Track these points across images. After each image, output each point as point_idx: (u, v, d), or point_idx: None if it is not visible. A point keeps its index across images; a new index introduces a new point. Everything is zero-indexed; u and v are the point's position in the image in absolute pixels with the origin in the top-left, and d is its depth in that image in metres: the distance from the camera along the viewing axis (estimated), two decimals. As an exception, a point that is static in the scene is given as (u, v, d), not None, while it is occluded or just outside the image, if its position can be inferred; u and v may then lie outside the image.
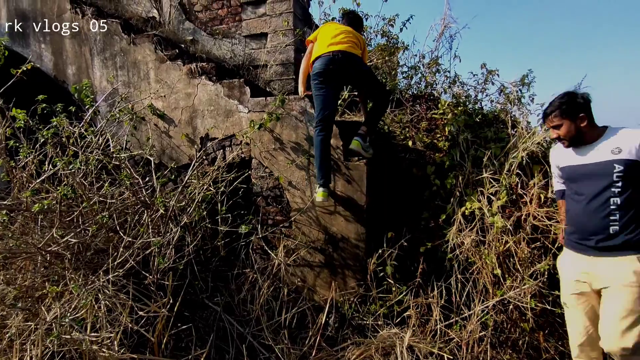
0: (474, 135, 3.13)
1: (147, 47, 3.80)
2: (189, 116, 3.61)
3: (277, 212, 3.32)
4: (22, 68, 2.78)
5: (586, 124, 2.05)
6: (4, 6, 4.55)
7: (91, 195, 2.52)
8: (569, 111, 2.07)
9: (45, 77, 4.36)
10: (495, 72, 3.44)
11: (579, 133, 2.08)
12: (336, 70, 2.85)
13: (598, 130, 2.07)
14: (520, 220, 2.76)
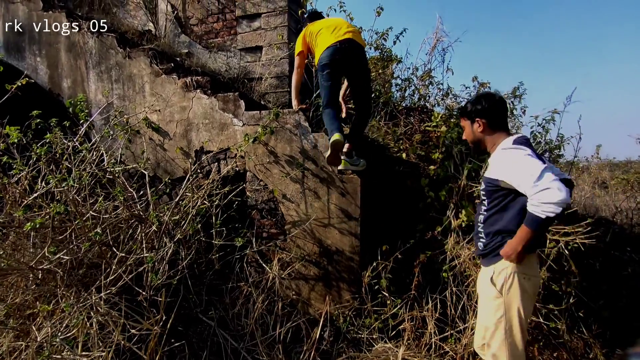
0: (468, 147, 3.15)
1: (143, 61, 3.82)
2: (184, 129, 3.62)
3: (272, 225, 3.32)
4: (17, 83, 2.79)
5: (482, 130, 1.95)
6: (0, 20, 4.57)
7: (84, 211, 2.50)
8: (469, 113, 2.00)
9: (40, 90, 4.36)
10: (487, 84, 3.48)
11: (478, 139, 2.01)
12: (342, 59, 2.89)
13: (499, 140, 1.93)
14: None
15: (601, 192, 5.75)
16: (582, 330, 2.81)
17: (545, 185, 1.61)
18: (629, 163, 7.72)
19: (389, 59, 4.21)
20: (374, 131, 3.55)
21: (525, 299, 1.81)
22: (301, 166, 3.14)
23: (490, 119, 1.94)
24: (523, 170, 1.70)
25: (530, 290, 1.84)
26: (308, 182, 3.14)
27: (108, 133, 3.37)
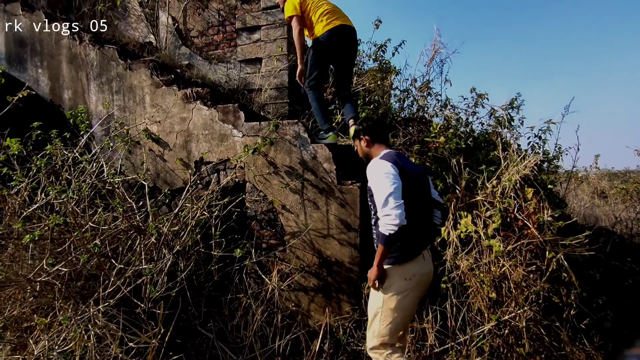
0: (466, 158, 3.17)
1: (143, 73, 3.86)
2: (184, 140, 3.64)
3: (271, 235, 3.31)
4: (18, 95, 2.81)
5: (367, 144, 2.32)
6: (2, 31, 4.62)
7: (83, 222, 2.50)
8: (357, 134, 2.38)
9: (41, 101, 4.39)
10: (485, 95, 3.51)
11: (366, 153, 2.35)
12: (342, 43, 3.17)
13: (378, 151, 2.26)
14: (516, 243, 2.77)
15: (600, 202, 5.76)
16: (584, 342, 2.79)
17: (386, 212, 1.96)
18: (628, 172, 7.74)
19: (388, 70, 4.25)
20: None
21: (402, 297, 2.11)
22: (300, 177, 3.15)
23: (371, 135, 2.31)
24: (377, 192, 2.05)
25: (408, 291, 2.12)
26: (307, 192, 3.14)
27: (108, 145, 3.38)
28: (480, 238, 2.86)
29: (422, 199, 2.22)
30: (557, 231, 2.72)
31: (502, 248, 2.74)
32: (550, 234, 2.68)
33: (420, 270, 2.14)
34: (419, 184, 2.19)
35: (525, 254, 2.75)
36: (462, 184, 3.01)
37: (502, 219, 2.82)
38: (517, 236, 2.80)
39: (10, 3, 4.56)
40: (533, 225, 2.75)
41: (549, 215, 2.70)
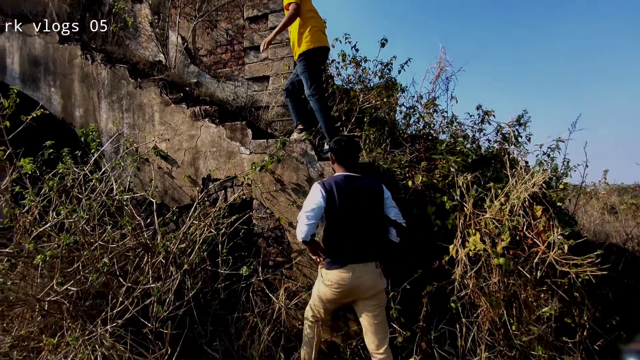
0: (474, 175, 3.15)
1: (153, 91, 3.93)
2: (192, 157, 3.68)
3: (278, 253, 3.30)
4: (32, 115, 2.87)
5: (332, 162, 2.65)
6: (17, 52, 4.75)
7: (92, 240, 2.52)
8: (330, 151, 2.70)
9: (53, 119, 4.48)
10: (491, 112, 3.51)
11: (333, 169, 2.68)
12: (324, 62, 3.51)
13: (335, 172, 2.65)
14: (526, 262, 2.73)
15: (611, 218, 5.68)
16: (597, 364, 2.72)
17: (298, 226, 2.34)
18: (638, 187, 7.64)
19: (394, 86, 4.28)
20: (379, 158, 3.57)
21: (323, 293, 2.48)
22: (307, 194, 3.15)
23: (335, 156, 2.61)
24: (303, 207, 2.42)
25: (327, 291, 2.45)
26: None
27: (119, 164, 3.43)
28: (489, 256, 2.82)
29: (360, 217, 2.44)
30: (567, 250, 2.68)
31: (512, 267, 2.70)
32: (560, 252, 2.64)
33: (342, 282, 2.39)
34: (357, 205, 2.44)
35: (536, 273, 2.70)
36: (469, 202, 2.98)
37: (511, 237, 2.79)
38: (527, 255, 2.77)
39: (25, 24, 4.71)
40: (543, 244, 2.71)
41: (559, 233, 2.67)
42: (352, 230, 2.43)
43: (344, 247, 2.43)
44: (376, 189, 2.57)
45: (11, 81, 4.76)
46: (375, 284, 2.45)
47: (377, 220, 2.53)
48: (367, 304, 2.48)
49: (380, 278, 2.52)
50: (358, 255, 2.43)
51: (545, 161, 3.24)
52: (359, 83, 3.93)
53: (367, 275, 2.42)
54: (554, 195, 3.04)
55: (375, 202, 2.53)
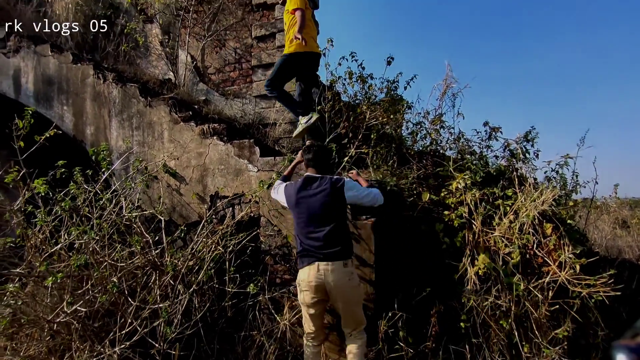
0: (482, 192, 3.14)
1: (163, 109, 3.99)
2: (200, 175, 3.71)
3: (285, 270, 3.29)
4: (45, 135, 2.93)
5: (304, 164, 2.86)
6: (32, 71, 4.88)
7: (102, 259, 2.54)
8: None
9: (65, 136, 4.56)
10: (499, 129, 3.50)
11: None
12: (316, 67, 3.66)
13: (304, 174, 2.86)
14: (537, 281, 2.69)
15: (623, 233, 5.58)
16: (613, 387, 2.64)
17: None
18: (649, 200, 7.52)
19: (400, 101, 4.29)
20: (386, 175, 3.56)
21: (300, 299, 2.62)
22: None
23: (305, 159, 2.80)
24: None
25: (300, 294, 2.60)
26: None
27: (130, 185, 3.48)
28: (500, 275, 2.79)
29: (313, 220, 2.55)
30: (579, 269, 2.64)
31: (523, 286, 2.66)
32: (572, 272, 2.60)
33: (307, 279, 2.50)
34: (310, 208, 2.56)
35: (547, 293, 2.66)
36: (478, 219, 2.96)
37: (521, 256, 2.76)
38: (538, 274, 2.73)
39: (40, 44, 4.84)
40: (554, 263, 2.68)
41: (570, 252, 2.63)
42: (305, 231, 2.56)
43: (302, 247, 2.57)
44: (334, 186, 2.60)
45: (25, 100, 4.88)
46: (340, 284, 2.47)
47: (337, 218, 2.58)
48: (336, 301, 2.55)
49: (349, 278, 2.50)
50: (312, 254, 2.50)
51: (554, 178, 3.21)
52: (365, 100, 3.96)
53: (331, 275, 2.46)
54: (564, 212, 3.00)
55: (333, 198, 2.57)
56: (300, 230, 2.61)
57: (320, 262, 2.47)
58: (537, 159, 3.38)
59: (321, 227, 2.52)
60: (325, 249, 2.49)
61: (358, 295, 2.61)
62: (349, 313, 2.57)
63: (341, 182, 2.63)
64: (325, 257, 2.47)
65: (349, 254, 2.57)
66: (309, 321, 2.63)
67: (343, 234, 2.59)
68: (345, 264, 2.51)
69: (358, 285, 2.61)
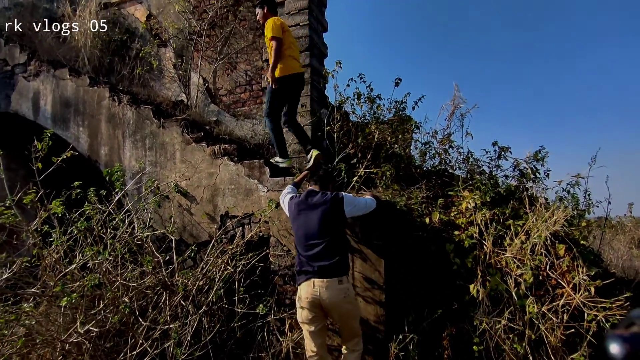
0: (492, 212, 3.11)
1: (175, 130, 4.09)
2: (211, 194, 3.76)
3: (295, 291, 3.27)
4: (62, 156, 3.02)
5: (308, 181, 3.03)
6: (50, 94, 5.05)
7: (114, 279, 2.57)
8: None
9: (80, 156, 4.67)
10: (508, 149, 3.50)
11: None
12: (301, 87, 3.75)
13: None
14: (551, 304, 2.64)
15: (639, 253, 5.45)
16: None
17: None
18: (666, 219, 7.34)
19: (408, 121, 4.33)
20: (395, 194, 3.57)
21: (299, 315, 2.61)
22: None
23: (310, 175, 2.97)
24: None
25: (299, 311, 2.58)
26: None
27: (143, 206, 3.54)
28: (512, 297, 2.74)
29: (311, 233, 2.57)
30: (595, 291, 2.58)
31: (537, 309, 2.61)
32: (587, 294, 2.54)
33: (304, 296, 2.50)
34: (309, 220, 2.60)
35: (562, 316, 2.60)
36: (489, 240, 2.94)
37: (534, 278, 2.71)
38: (552, 296, 2.67)
39: (59, 68, 5.03)
40: (568, 285, 2.63)
41: (585, 274, 2.58)
42: (304, 245, 2.58)
43: (301, 262, 2.58)
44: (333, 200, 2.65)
45: (43, 121, 5.04)
46: (335, 301, 2.46)
47: (335, 233, 2.60)
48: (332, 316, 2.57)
49: (344, 295, 2.49)
50: (316, 267, 2.50)
51: (566, 198, 3.18)
52: (374, 120, 4.00)
53: (326, 292, 2.46)
54: (577, 233, 2.96)
55: (332, 213, 2.61)
56: (298, 241, 2.65)
57: (316, 278, 2.49)
58: (547, 178, 3.36)
59: (318, 241, 2.55)
60: (320, 262, 2.50)
61: (355, 310, 2.61)
62: (345, 326, 2.60)
63: (341, 197, 2.67)
64: (320, 273, 2.49)
65: (344, 270, 2.57)
66: (310, 341, 2.58)
67: (340, 249, 2.60)
68: (341, 280, 2.50)
69: (354, 300, 2.62)
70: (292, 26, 4.39)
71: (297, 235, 2.67)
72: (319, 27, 4.60)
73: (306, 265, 2.54)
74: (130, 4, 5.76)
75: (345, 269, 2.58)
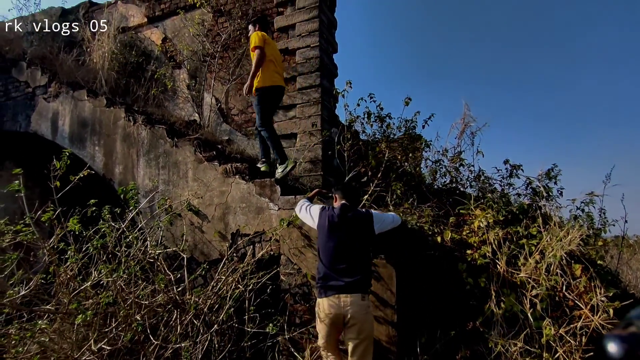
0: (505, 230, 3.08)
1: (188, 149, 4.16)
2: (222, 212, 3.79)
3: (305, 310, 3.25)
4: (79, 175, 3.09)
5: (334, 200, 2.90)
6: (68, 114, 5.21)
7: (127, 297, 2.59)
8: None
9: (95, 175, 4.77)
10: (519, 166, 3.49)
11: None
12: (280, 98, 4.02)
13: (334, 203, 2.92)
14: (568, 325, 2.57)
15: (659, 273, 5.29)
16: None
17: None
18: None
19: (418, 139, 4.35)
20: (407, 213, 3.56)
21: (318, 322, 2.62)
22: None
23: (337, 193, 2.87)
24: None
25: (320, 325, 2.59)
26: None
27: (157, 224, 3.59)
28: (528, 319, 2.68)
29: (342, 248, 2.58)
30: (613, 312, 2.52)
31: (554, 331, 2.54)
32: (606, 316, 2.48)
33: (326, 310, 2.51)
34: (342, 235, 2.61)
35: (581, 339, 2.53)
36: (502, 259, 2.89)
37: (550, 298, 2.66)
38: (569, 318, 2.61)
39: (77, 90, 5.20)
40: (586, 306, 2.56)
41: (603, 295, 2.52)
42: (333, 260, 2.58)
43: (327, 276, 2.57)
44: (365, 217, 2.69)
45: (61, 141, 5.18)
46: (357, 316, 2.46)
47: (364, 250, 2.64)
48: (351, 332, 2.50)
49: (365, 312, 2.50)
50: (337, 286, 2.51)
51: (580, 216, 3.14)
52: (384, 139, 4.03)
53: (351, 307, 2.47)
54: (593, 252, 2.91)
55: (364, 230, 2.65)
56: (326, 253, 2.62)
57: (341, 293, 2.49)
58: (561, 196, 3.33)
59: (350, 256, 2.57)
60: (348, 278, 2.51)
61: (372, 329, 2.58)
62: (360, 345, 2.51)
63: (371, 214, 2.71)
64: (346, 288, 2.49)
65: (367, 287, 2.59)
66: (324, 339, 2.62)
67: (366, 266, 2.63)
68: (364, 297, 2.52)
69: (372, 318, 2.61)
70: (302, 48, 4.51)
71: (326, 247, 2.63)
72: (329, 49, 4.70)
73: (332, 279, 2.53)
74: (147, 27, 5.98)
75: (368, 286, 2.60)
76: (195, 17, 5.25)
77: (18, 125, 5.69)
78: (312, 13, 4.49)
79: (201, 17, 5.28)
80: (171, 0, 5.74)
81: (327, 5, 4.75)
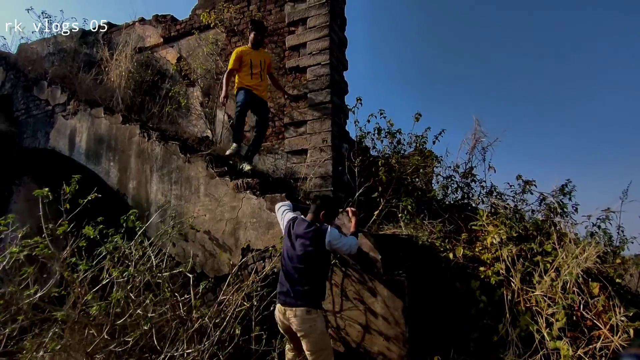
0: (519, 247, 3.02)
1: (200, 165, 4.22)
2: (233, 227, 3.80)
3: (315, 327, 3.20)
4: (87, 197, 3.16)
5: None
6: (85, 131, 5.35)
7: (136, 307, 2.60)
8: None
9: (109, 189, 4.86)
10: (533, 182, 3.44)
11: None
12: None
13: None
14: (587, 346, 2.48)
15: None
16: None
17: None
18: None
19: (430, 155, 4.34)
20: (418, 229, 3.52)
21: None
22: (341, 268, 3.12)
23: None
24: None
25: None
26: (351, 283, 3.08)
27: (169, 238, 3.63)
28: (544, 339, 2.60)
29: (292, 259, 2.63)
30: (634, 333, 2.42)
31: (572, 352, 2.45)
32: (626, 336, 2.38)
33: (275, 317, 2.67)
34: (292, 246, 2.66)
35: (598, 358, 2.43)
36: (517, 277, 2.83)
37: (567, 317, 2.57)
38: (588, 338, 2.52)
39: (95, 107, 5.36)
40: (605, 326, 2.48)
41: (622, 314, 2.43)
42: (288, 267, 2.64)
43: (282, 280, 2.66)
44: (317, 233, 2.65)
45: (77, 157, 5.31)
46: (301, 328, 2.50)
47: (313, 264, 2.62)
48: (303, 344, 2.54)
49: (310, 325, 2.49)
50: (288, 292, 2.57)
51: (596, 233, 3.06)
52: (394, 155, 4.03)
53: (294, 320, 2.51)
54: (611, 270, 2.83)
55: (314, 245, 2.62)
56: (282, 261, 2.75)
57: (285, 306, 2.57)
58: (576, 212, 3.26)
59: (296, 267, 2.61)
60: (293, 287, 2.56)
61: (322, 343, 2.55)
62: (312, 357, 2.53)
63: (325, 230, 2.67)
64: (290, 299, 2.55)
65: (315, 302, 2.58)
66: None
67: (315, 280, 2.62)
68: (309, 311, 2.52)
69: (322, 332, 2.56)
70: (313, 65, 4.59)
71: (282, 256, 2.77)
72: (340, 66, 4.78)
73: (282, 286, 2.63)
74: (163, 47, 6.18)
75: (315, 300, 2.59)
76: (210, 36, 5.41)
77: (37, 142, 5.86)
78: (322, 32, 4.59)
79: (215, 36, 5.43)
80: (186, 21, 5.94)
81: (338, 24, 4.85)
